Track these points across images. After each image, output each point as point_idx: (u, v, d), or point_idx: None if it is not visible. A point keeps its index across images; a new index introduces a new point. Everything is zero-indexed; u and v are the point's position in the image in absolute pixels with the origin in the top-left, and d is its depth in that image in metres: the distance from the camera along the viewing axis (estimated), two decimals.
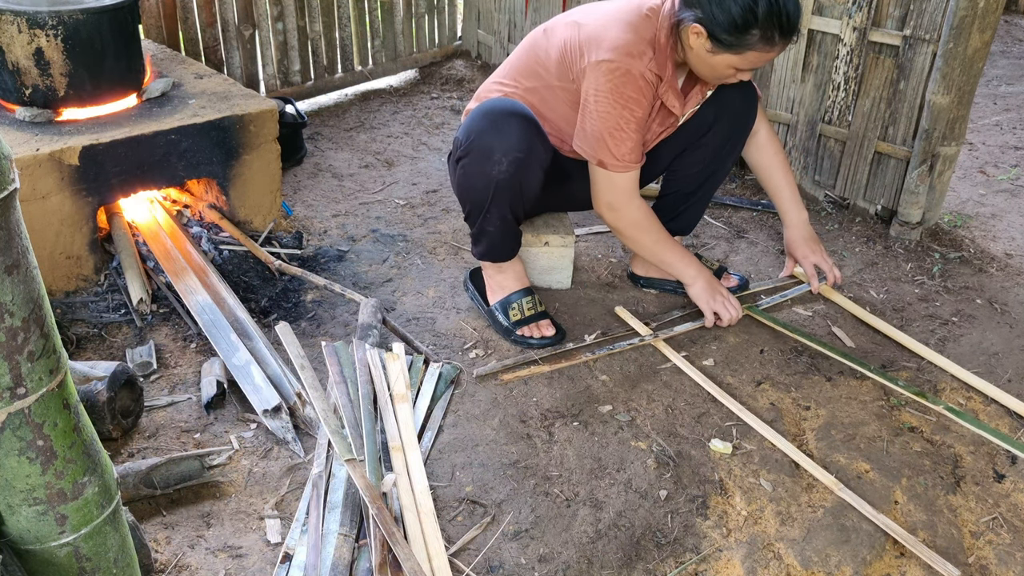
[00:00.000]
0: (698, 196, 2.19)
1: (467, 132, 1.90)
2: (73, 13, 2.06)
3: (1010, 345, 2.13)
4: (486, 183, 1.90)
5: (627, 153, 1.88)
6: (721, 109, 2.05)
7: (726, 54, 1.77)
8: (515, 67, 2.02)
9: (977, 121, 3.65)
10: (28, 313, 0.87)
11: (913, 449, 1.77)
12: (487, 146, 1.86)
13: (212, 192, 2.42)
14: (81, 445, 0.97)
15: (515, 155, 1.85)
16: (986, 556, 1.53)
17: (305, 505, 1.53)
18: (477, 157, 1.88)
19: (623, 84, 1.81)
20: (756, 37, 1.72)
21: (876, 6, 2.49)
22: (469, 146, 1.89)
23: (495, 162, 1.86)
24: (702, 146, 2.10)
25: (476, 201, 1.96)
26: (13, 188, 0.84)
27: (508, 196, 1.92)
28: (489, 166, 1.87)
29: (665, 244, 2.03)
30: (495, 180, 1.88)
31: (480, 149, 1.87)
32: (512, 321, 2.05)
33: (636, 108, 1.84)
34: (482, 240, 2.05)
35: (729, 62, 1.79)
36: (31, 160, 1.95)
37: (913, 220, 2.59)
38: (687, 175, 2.15)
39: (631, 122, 1.85)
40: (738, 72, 1.83)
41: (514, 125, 1.85)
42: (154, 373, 1.90)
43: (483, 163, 1.87)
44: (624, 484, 1.64)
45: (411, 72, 4.00)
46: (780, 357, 2.04)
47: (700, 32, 1.75)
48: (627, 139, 1.86)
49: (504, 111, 1.87)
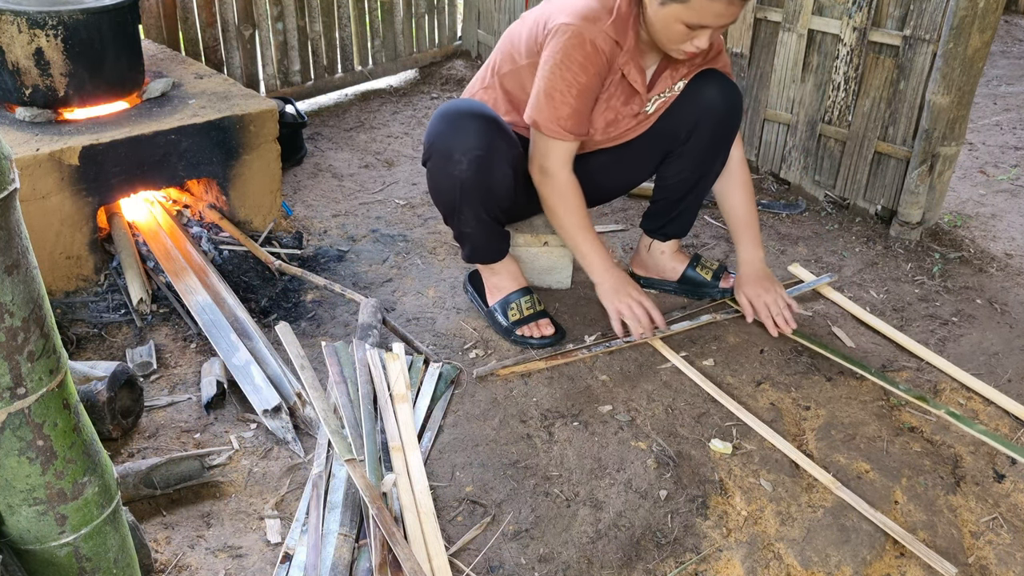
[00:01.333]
0: (689, 200, 2.16)
1: (428, 135, 1.91)
2: (73, 13, 2.06)
3: (1010, 345, 2.13)
4: (451, 184, 1.89)
5: (564, 119, 1.83)
6: (702, 113, 2.00)
7: (673, 4, 1.70)
8: (494, 58, 2.02)
9: (977, 121, 3.65)
10: (28, 313, 0.87)
11: (913, 449, 1.77)
12: (446, 147, 1.85)
13: (212, 192, 2.42)
14: (81, 445, 0.97)
15: (475, 153, 1.84)
16: (986, 556, 1.53)
17: (305, 505, 1.53)
18: (438, 159, 1.88)
19: (572, 47, 1.78)
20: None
21: (876, 6, 2.49)
22: (430, 148, 1.90)
23: (455, 162, 1.85)
24: (686, 153, 2.06)
25: (446, 203, 1.96)
26: (13, 188, 0.84)
27: (476, 195, 1.91)
28: (451, 167, 1.86)
29: (582, 230, 1.95)
30: (459, 180, 1.88)
31: (440, 151, 1.87)
32: (511, 321, 2.05)
33: (581, 73, 1.80)
34: (465, 242, 2.05)
35: (678, 15, 1.71)
36: (31, 160, 1.95)
37: (913, 220, 2.59)
38: (675, 181, 2.12)
39: (573, 87, 1.80)
40: (691, 34, 1.74)
41: (471, 124, 1.84)
42: (154, 373, 1.90)
43: (445, 164, 1.87)
44: (624, 484, 1.64)
45: (411, 72, 4.00)
46: (780, 357, 2.04)
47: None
48: (566, 104, 1.82)
49: (461, 111, 1.87)
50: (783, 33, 2.75)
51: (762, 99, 2.89)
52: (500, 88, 2.00)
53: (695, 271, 2.24)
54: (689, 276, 2.24)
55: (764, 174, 3.01)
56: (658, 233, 2.23)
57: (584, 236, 1.96)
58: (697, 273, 2.23)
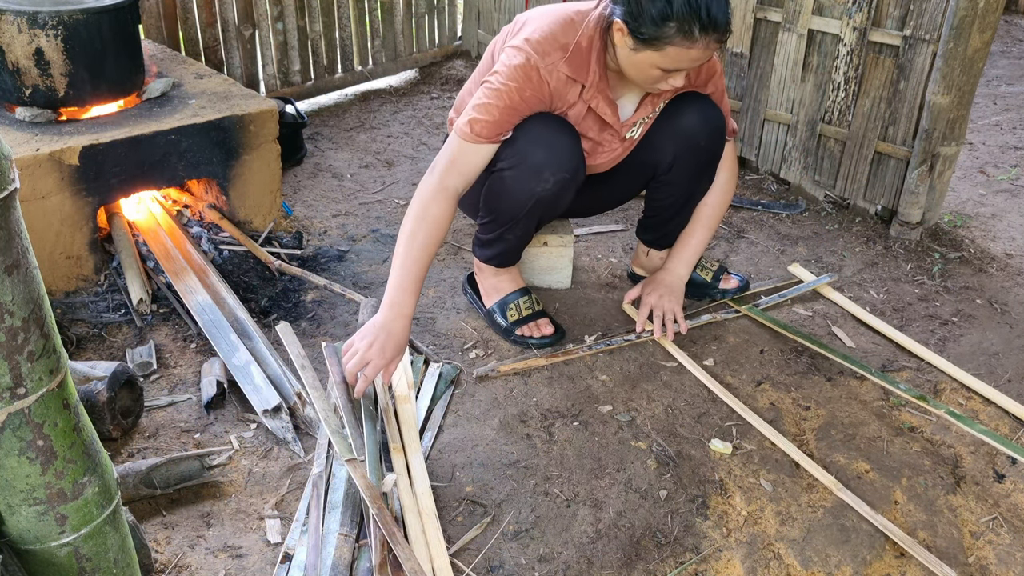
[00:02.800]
0: (679, 219, 2.13)
1: (514, 145, 1.80)
2: (73, 13, 2.06)
3: (1010, 345, 2.13)
4: (527, 198, 1.85)
5: (478, 123, 1.75)
6: (683, 143, 1.94)
7: (647, 51, 1.67)
8: (479, 69, 2.01)
9: (977, 121, 3.65)
10: (28, 313, 0.87)
11: (913, 449, 1.77)
12: (538, 163, 1.79)
13: (212, 192, 2.42)
14: (81, 445, 0.97)
15: (563, 175, 1.82)
16: (986, 556, 1.53)
17: (305, 505, 1.53)
18: (525, 172, 1.81)
19: (516, 68, 1.75)
20: (673, 30, 1.62)
21: (876, 6, 2.49)
22: (517, 159, 1.81)
23: (543, 180, 1.81)
24: (669, 182, 2.03)
25: (507, 212, 1.92)
26: (13, 188, 0.84)
27: (542, 212, 1.90)
28: (536, 183, 1.82)
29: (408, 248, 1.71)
30: (537, 197, 1.84)
31: (530, 165, 1.80)
32: (511, 321, 2.05)
33: (516, 94, 1.75)
34: (496, 245, 2.02)
35: (652, 60, 1.69)
36: (31, 160, 1.95)
37: (913, 220, 2.59)
38: (664, 203, 2.10)
39: (503, 98, 1.75)
40: (666, 75, 1.71)
41: (566, 144, 1.81)
42: (154, 373, 1.90)
43: (530, 179, 1.82)
44: (624, 484, 1.64)
45: (411, 72, 4.00)
46: (780, 357, 2.04)
47: (622, 28, 1.68)
48: (489, 112, 1.75)
49: (556, 127, 1.82)
50: (783, 33, 2.75)
51: (762, 99, 2.89)
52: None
53: (695, 272, 2.24)
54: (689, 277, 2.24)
55: (764, 174, 3.01)
56: (654, 244, 2.23)
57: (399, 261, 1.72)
58: (697, 274, 2.23)
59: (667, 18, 1.61)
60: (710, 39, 1.63)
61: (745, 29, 2.85)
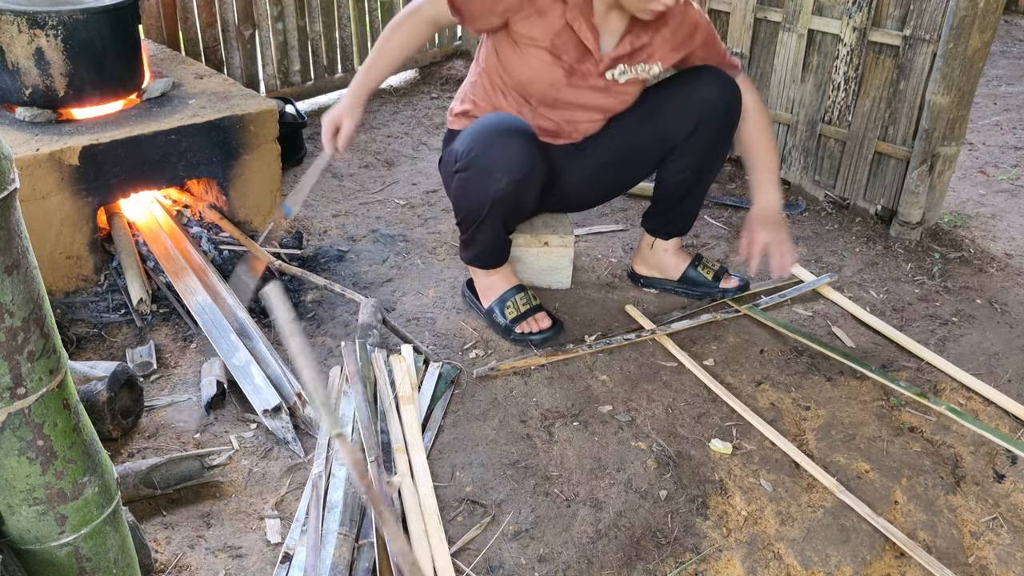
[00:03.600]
0: (689, 200, 2.15)
1: (468, 146, 1.86)
2: (73, 13, 2.06)
3: (1010, 345, 2.13)
4: (483, 199, 1.90)
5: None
6: (702, 113, 1.98)
7: None
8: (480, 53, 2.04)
9: (977, 121, 3.65)
10: (28, 313, 0.87)
11: (913, 449, 1.77)
12: (488, 164, 1.84)
13: (212, 192, 2.42)
14: (81, 445, 0.97)
15: (515, 176, 1.84)
16: (986, 556, 1.53)
17: (305, 505, 1.53)
18: (477, 173, 1.86)
19: None
20: None
21: (876, 6, 2.49)
22: (469, 161, 1.86)
23: (495, 180, 1.85)
24: (686, 152, 2.04)
25: (471, 212, 1.96)
26: (13, 188, 0.84)
27: (504, 211, 1.93)
28: (489, 183, 1.86)
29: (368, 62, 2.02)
30: (492, 197, 1.88)
31: (480, 166, 1.85)
32: (509, 319, 2.05)
33: None
34: (472, 247, 2.06)
35: None
36: (31, 160, 1.95)
37: (913, 220, 2.59)
38: (675, 182, 2.11)
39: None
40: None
41: (516, 144, 1.83)
42: (154, 373, 1.90)
43: (482, 180, 1.86)
44: (624, 484, 1.64)
45: (411, 72, 4.00)
46: (780, 357, 2.04)
47: None
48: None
49: (507, 128, 1.85)
50: (783, 33, 2.75)
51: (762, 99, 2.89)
52: (483, 74, 2.02)
53: (696, 271, 2.24)
54: (690, 276, 2.24)
55: None
56: (660, 232, 2.23)
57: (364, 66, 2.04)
58: (698, 273, 2.24)
59: None
60: None
61: (745, 29, 2.85)
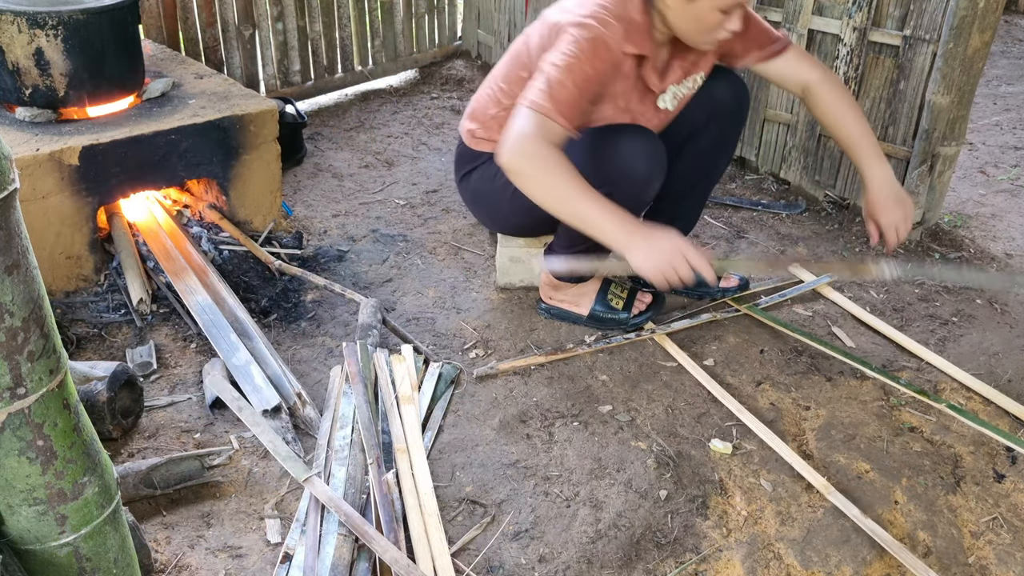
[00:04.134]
0: (693, 198, 2.17)
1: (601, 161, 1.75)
2: (73, 13, 2.06)
3: (1010, 345, 2.13)
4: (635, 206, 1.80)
5: (560, 101, 1.63)
6: (713, 111, 2.00)
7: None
8: (503, 78, 1.96)
9: (977, 121, 3.65)
10: (28, 313, 0.87)
11: (913, 449, 1.77)
12: (644, 175, 1.78)
13: (212, 192, 2.42)
14: (81, 445, 0.97)
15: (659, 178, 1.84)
16: (986, 556, 1.53)
17: (305, 505, 1.53)
18: (630, 190, 1.78)
19: (584, 37, 1.70)
20: None
21: (876, 6, 2.49)
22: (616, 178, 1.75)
23: (651, 189, 1.83)
24: (694, 150, 2.05)
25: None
26: (13, 188, 0.84)
27: None
28: (644, 197, 1.84)
29: (584, 195, 1.58)
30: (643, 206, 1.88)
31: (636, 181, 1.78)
32: (622, 310, 2.09)
33: (588, 65, 1.68)
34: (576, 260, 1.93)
35: (713, 3, 1.67)
36: (31, 160, 1.95)
37: (913, 220, 2.59)
38: (680, 179, 2.11)
39: (577, 73, 1.66)
40: (725, 18, 1.70)
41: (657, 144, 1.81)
42: (154, 373, 1.90)
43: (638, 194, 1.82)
44: (624, 484, 1.64)
45: (411, 72, 4.00)
46: (780, 357, 2.04)
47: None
48: (566, 88, 1.65)
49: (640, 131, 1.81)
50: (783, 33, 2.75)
51: (762, 99, 2.89)
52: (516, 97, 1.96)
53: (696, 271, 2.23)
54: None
55: (764, 174, 3.01)
56: None
57: (588, 202, 1.58)
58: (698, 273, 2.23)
59: None
60: None
61: None
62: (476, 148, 2.05)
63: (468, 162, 2.09)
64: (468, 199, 2.16)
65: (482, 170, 2.05)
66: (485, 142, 2.02)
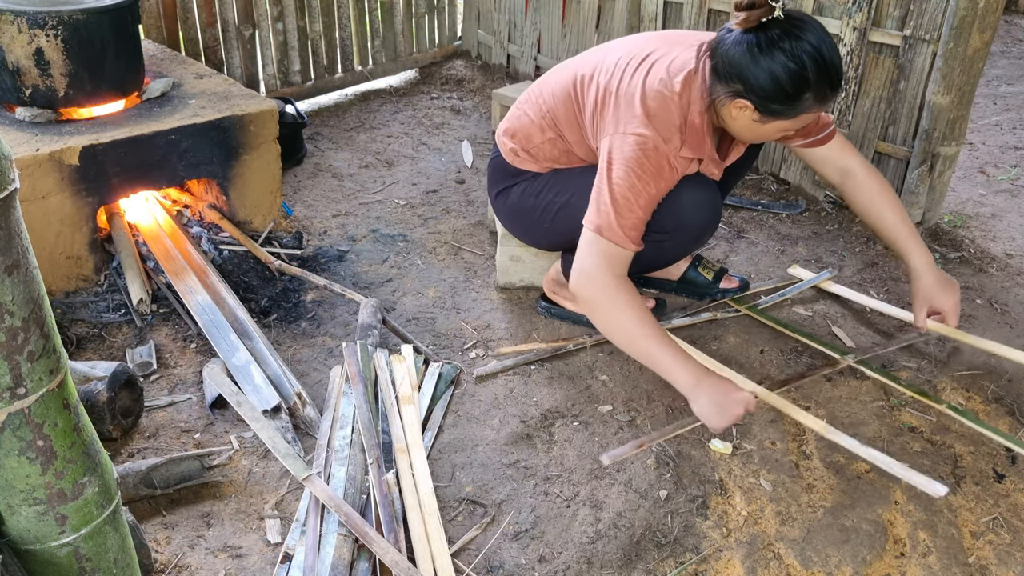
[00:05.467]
0: None
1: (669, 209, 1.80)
2: (73, 13, 2.06)
3: (1010, 345, 2.12)
4: (683, 253, 2.01)
5: (629, 228, 1.70)
6: None
7: (778, 121, 1.67)
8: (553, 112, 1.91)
9: (977, 121, 3.65)
10: (28, 313, 0.87)
11: (913, 449, 1.76)
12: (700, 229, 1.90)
13: (212, 192, 2.42)
14: (81, 445, 0.97)
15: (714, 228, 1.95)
16: (986, 556, 1.53)
17: (305, 505, 1.53)
18: (686, 237, 1.91)
19: (647, 157, 1.70)
20: (810, 100, 1.62)
21: (876, 6, 2.49)
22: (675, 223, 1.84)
23: (702, 241, 1.97)
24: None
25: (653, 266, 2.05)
26: (13, 188, 0.84)
27: None
28: (694, 245, 1.98)
29: (649, 338, 1.68)
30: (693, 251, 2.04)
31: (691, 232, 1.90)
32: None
33: (652, 184, 1.71)
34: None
35: (781, 128, 1.70)
36: (31, 160, 1.95)
37: (913, 220, 2.59)
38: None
39: (642, 196, 1.70)
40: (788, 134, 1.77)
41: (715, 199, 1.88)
42: (154, 373, 1.90)
43: (690, 244, 1.95)
44: (624, 484, 1.64)
45: (411, 72, 4.00)
46: (780, 357, 2.04)
47: (746, 106, 1.64)
48: (633, 212, 1.70)
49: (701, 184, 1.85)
50: None
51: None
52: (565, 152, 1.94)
53: (696, 271, 2.24)
54: (690, 276, 2.24)
55: (764, 174, 3.01)
56: None
57: (655, 344, 1.68)
58: (699, 273, 2.24)
59: (803, 91, 1.60)
60: (838, 93, 1.70)
61: None
62: (518, 166, 2.01)
63: (508, 177, 2.05)
64: (504, 212, 2.10)
65: (524, 186, 2.02)
66: (528, 162, 2.00)
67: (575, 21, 3.49)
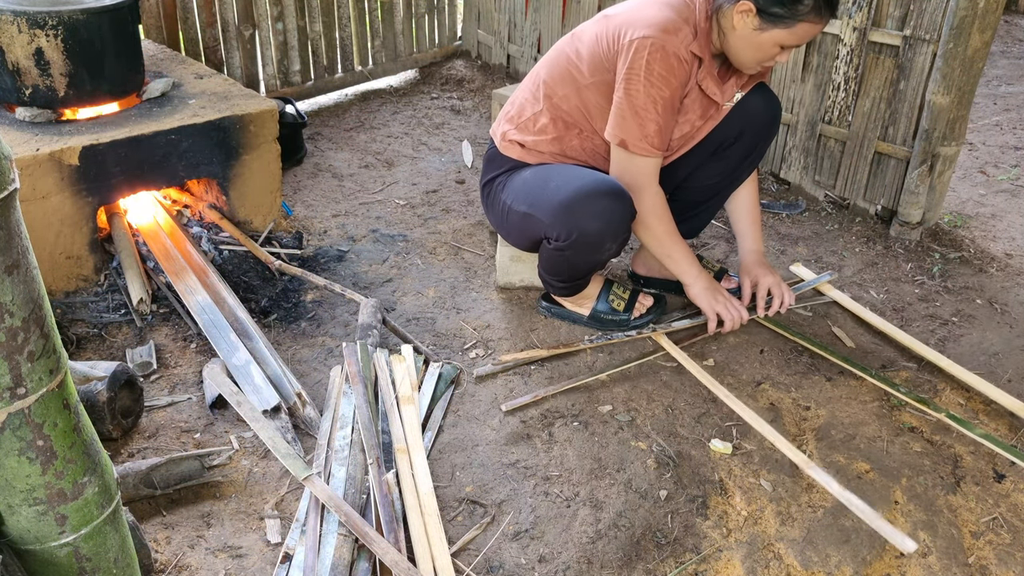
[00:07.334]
0: (709, 205, 2.17)
1: (566, 223, 1.84)
2: (73, 13, 2.06)
3: (1010, 345, 2.13)
4: (593, 265, 1.98)
5: (651, 135, 1.81)
6: (747, 122, 2.01)
7: (776, 29, 1.72)
8: (547, 76, 1.96)
9: (977, 121, 3.65)
10: (28, 313, 0.87)
11: (913, 449, 1.77)
12: (598, 238, 1.86)
13: (212, 192, 2.42)
14: (81, 445, 0.97)
15: (623, 236, 1.91)
16: (986, 556, 1.53)
17: (305, 505, 1.53)
18: (586, 248, 1.88)
19: (654, 60, 1.74)
20: (808, 8, 1.68)
21: (876, 6, 2.49)
22: (575, 240, 1.86)
23: (606, 249, 1.90)
24: (724, 158, 2.06)
25: (577, 276, 2.02)
26: (13, 188, 0.84)
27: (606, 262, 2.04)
28: (600, 254, 1.92)
29: (675, 238, 1.97)
30: (603, 261, 1.97)
31: (589, 243, 1.87)
32: (623, 312, 2.11)
33: (664, 87, 1.76)
34: (571, 290, 2.08)
35: (777, 38, 1.74)
36: (31, 160, 1.95)
37: (913, 220, 2.59)
38: (702, 185, 2.12)
39: (658, 102, 1.77)
40: (782, 51, 1.78)
41: (617, 208, 1.84)
42: (154, 373, 1.90)
43: (593, 253, 1.91)
44: (624, 484, 1.64)
45: (411, 72, 4.00)
46: (780, 357, 2.04)
47: (748, 9, 1.71)
48: (652, 119, 1.79)
49: (599, 192, 1.83)
50: None
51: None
52: (554, 110, 1.96)
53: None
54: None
55: (764, 174, 3.01)
56: None
57: (674, 242, 1.97)
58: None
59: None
60: (833, 15, 1.72)
61: None
62: (505, 153, 2.04)
63: (496, 167, 2.08)
64: (485, 204, 2.15)
65: (502, 179, 2.05)
66: (515, 146, 2.02)
67: (575, 21, 3.49)
